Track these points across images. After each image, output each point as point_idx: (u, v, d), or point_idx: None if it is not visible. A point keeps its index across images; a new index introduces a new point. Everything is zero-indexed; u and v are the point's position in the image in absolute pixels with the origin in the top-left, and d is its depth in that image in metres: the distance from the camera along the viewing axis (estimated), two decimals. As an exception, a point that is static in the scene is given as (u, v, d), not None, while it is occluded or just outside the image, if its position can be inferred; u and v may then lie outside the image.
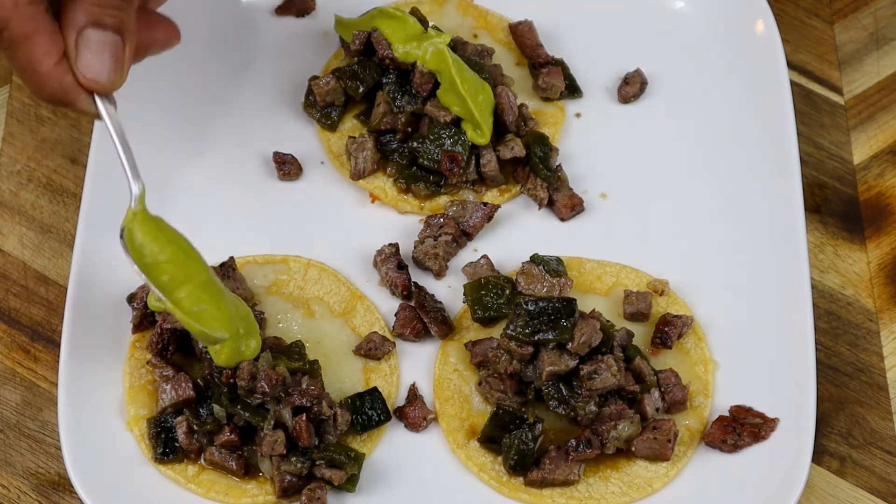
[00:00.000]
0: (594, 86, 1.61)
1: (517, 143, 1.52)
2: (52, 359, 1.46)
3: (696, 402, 1.41)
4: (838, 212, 1.57)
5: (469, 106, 1.49)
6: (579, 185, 1.54)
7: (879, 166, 1.60)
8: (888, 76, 1.66)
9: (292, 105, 1.58)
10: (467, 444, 1.39)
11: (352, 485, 1.36)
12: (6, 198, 1.55)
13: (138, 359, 1.42)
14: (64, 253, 1.52)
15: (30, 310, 1.49)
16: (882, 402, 1.46)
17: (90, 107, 1.28)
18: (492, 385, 1.40)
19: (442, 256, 1.48)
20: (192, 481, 1.37)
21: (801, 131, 1.61)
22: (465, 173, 1.51)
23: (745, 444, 1.38)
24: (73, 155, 1.58)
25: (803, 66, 1.66)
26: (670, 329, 1.43)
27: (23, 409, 1.44)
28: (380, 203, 1.53)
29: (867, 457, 1.43)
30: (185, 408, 1.37)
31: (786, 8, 1.70)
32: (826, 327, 1.49)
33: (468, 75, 1.49)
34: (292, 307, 1.45)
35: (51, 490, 1.40)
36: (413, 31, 1.52)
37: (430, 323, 1.44)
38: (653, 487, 1.38)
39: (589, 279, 1.48)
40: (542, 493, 1.37)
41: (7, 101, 1.61)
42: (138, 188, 1.32)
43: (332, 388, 1.41)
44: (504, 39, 1.62)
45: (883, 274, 1.53)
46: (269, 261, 1.48)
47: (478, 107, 1.49)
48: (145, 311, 1.42)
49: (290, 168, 1.53)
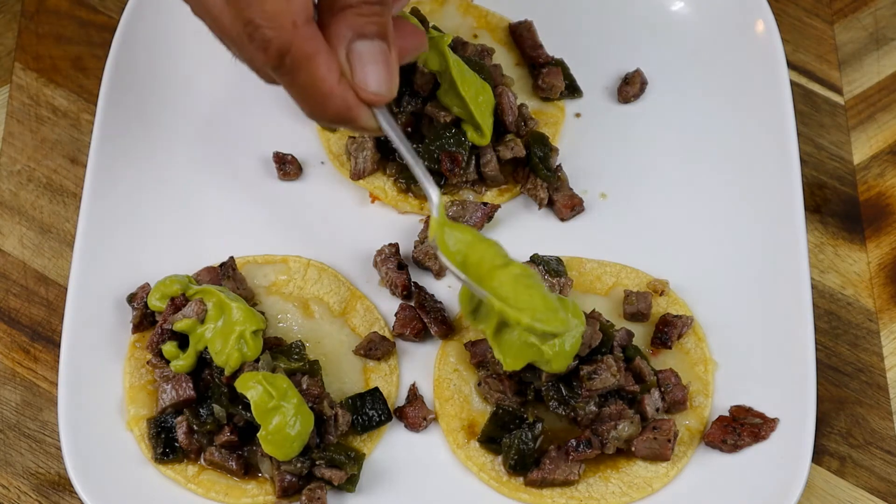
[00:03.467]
0: (594, 86, 1.60)
1: (517, 143, 1.52)
2: (52, 359, 1.46)
3: (696, 402, 1.41)
4: (838, 212, 1.57)
5: (469, 106, 1.49)
6: (579, 185, 1.54)
7: (879, 166, 1.60)
8: (888, 76, 1.66)
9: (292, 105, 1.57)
10: (467, 444, 1.39)
11: (352, 485, 1.36)
12: (6, 198, 1.55)
13: (138, 359, 1.42)
14: (64, 253, 1.52)
15: (30, 310, 1.49)
16: (882, 402, 1.46)
17: (370, 122, 1.24)
18: (491, 385, 1.40)
19: (442, 256, 1.48)
20: (192, 481, 1.37)
21: (801, 131, 1.61)
22: (465, 173, 1.51)
23: (745, 444, 1.38)
24: (73, 155, 1.58)
25: (803, 66, 1.66)
26: (670, 329, 1.43)
27: (23, 409, 1.44)
28: (380, 203, 1.53)
29: (867, 457, 1.43)
30: (185, 408, 1.37)
31: (786, 8, 1.70)
32: (826, 327, 1.49)
33: (468, 76, 1.49)
34: (292, 307, 1.45)
35: (51, 490, 1.40)
36: (413, 32, 1.52)
37: (430, 323, 1.44)
38: (653, 487, 1.38)
39: (589, 279, 1.48)
40: (542, 493, 1.37)
41: (7, 101, 1.61)
42: (437, 195, 1.30)
43: (332, 388, 1.41)
44: (504, 39, 1.62)
45: (883, 274, 1.53)
46: (269, 261, 1.48)
47: (478, 107, 1.49)
48: (145, 311, 1.42)
49: (290, 168, 1.53)
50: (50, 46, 1.64)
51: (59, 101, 1.61)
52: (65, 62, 1.63)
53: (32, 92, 1.61)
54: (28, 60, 1.64)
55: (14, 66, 1.63)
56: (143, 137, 1.54)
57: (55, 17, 1.66)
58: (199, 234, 1.50)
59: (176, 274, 1.43)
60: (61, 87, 1.62)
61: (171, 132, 1.56)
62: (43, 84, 1.62)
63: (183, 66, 1.59)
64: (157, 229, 1.49)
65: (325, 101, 1.22)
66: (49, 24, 1.66)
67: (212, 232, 1.50)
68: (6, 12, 1.67)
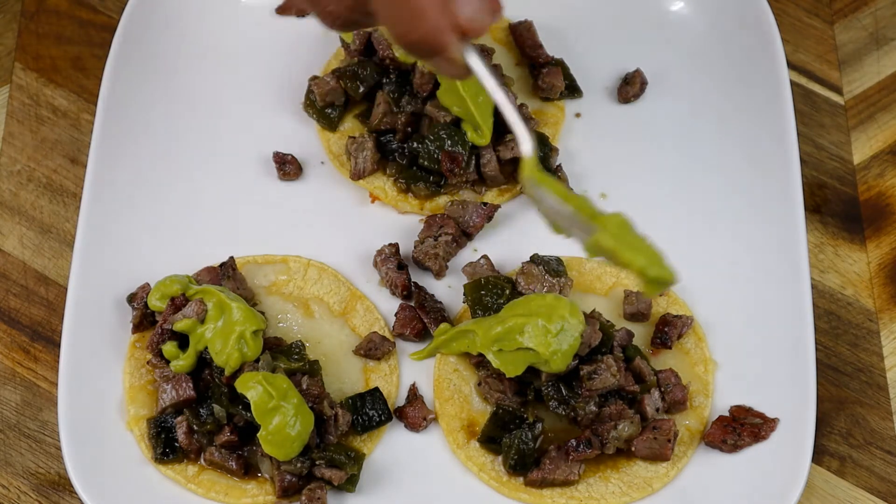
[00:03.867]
0: (594, 86, 1.60)
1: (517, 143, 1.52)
2: (52, 359, 1.46)
3: (696, 402, 1.41)
4: (838, 212, 1.57)
5: (469, 106, 1.49)
6: (579, 185, 1.54)
7: (879, 166, 1.60)
8: (888, 76, 1.66)
9: (292, 105, 1.58)
10: (467, 444, 1.39)
11: (352, 485, 1.36)
12: (6, 198, 1.55)
13: (138, 359, 1.42)
14: (64, 253, 1.52)
15: (30, 310, 1.49)
16: (882, 402, 1.46)
17: (459, 54, 1.18)
18: (491, 385, 1.40)
19: (442, 256, 1.48)
20: (192, 481, 1.37)
21: (801, 131, 1.61)
22: (465, 173, 1.51)
23: (745, 444, 1.38)
24: (73, 155, 1.58)
25: (803, 66, 1.66)
26: (670, 329, 1.43)
27: (23, 409, 1.44)
28: (380, 203, 1.53)
29: (867, 457, 1.43)
30: (185, 408, 1.37)
31: (786, 8, 1.70)
32: (826, 327, 1.49)
33: (468, 75, 1.50)
34: (292, 307, 1.45)
35: (51, 490, 1.40)
36: (413, 32, 1.51)
37: (430, 323, 1.44)
38: (653, 487, 1.38)
39: (589, 279, 1.48)
40: (542, 493, 1.37)
41: (7, 101, 1.61)
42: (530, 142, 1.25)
43: (332, 387, 1.41)
44: (504, 39, 1.62)
45: (883, 274, 1.53)
46: (269, 261, 1.48)
47: (478, 107, 1.49)
48: (145, 311, 1.42)
49: (290, 168, 1.53)
50: (50, 46, 1.64)
51: (59, 101, 1.61)
52: (65, 62, 1.63)
53: (32, 92, 1.61)
54: (28, 60, 1.64)
55: (14, 66, 1.63)
56: (143, 137, 1.54)
57: (55, 17, 1.66)
58: (199, 234, 1.50)
59: (176, 274, 1.43)
60: (61, 87, 1.62)
61: (171, 132, 1.55)
62: (43, 84, 1.62)
63: (183, 66, 1.59)
64: (157, 229, 1.49)
65: (417, 20, 1.14)
66: (49, 24, 1.66)
67: (212, 232, 1.50)
68: (6, 12, 1.67)
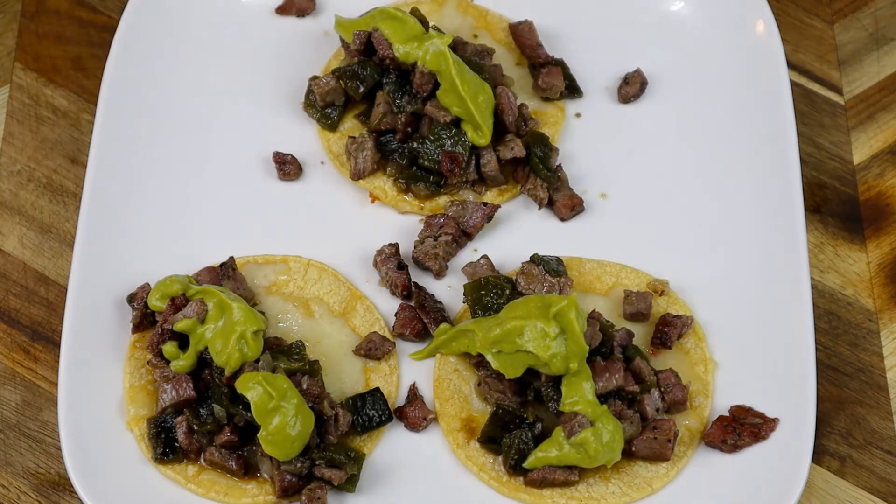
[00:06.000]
0: (594, 86, 1.60)
1: (517, 143, 1.52)
2: (52, 359, 1.46)
3: (696, 402, 1.41)
4: (838, 212, 1.57)
5: (469, 106, 1.49)
6: (579, 185, 1.54)
7: (879, 166, 1.60)
8: (888, 76, 1.66)
9: (292, 105, 1.58)
10: (467, 444, 1.39)
11: (352, 485, 1.36)
12: (6, 198, 1.55)
13: (138, 359, 1.42)
14: (64, 253, 1.52)
15: (30, 310, 1.49)
16: (882, 402, 1.46)
17: None
18: (491, 385, 1.40)
19: (442, 256, 1.48)
20: (192, 481, 1.37)
21: (801, 131, 1.61)
22: (465, 173, 1.51)
23: (745, 444, 1.38)
24: (73, 155, 1.58)
25: (803, 66, 1.66)
26: (670, 329, 1.43)
27: (23, 409, 1.44)
28: (380, 203, 1.53)
29: (867, 457, 1.43)
30: (185, 408, 1.37)
31: (786, 8, 1.70)
32: (826, 327, 1.49)
33: (468, 76, 1.49)
34: (292, 307, 1.45)
35: (51, 490, 1.40)
36: (413, 32, 1.52)
37: (430, 323, 1.44)
38: (653, 487, 1.38)
39: (589, 279, 1.48)
40: (542, 493, 1.37)
41: (7, 101, 1.61)
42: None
43: (332, 388, 1.41)
44: (504, 39, 1.62)
45: (883, 274, 1.53)
46: (269, 261, 1.48)
47: (478, 107, 1.49)
48: (145, 311, 1.42)
49: (290, 168, 1.53)
50: (50, 46, 1.64)
51: (59, 101, 1.61)
52: (65, 62, 1.63)
53: (32, 92, 1.61)
54: (28, 60, 1.64)
55: (14, 66, 1.63)
56: (143, 137, 1.54)
57: (55, 17, 1.66)
58: (199, 234, 1.50)
59: (176, 274, 1.43)
60: (61, 87, 1.62)
61: (171, 132, 1.55)
62: (43, 84, 1.62)
63: (183, 66, 1.59)
64: (157, 229, 1.49)
65: None
66: (49, 24, 1.66)
67: (212, 232, 1.50)
68: (6, 12, 1.67)
